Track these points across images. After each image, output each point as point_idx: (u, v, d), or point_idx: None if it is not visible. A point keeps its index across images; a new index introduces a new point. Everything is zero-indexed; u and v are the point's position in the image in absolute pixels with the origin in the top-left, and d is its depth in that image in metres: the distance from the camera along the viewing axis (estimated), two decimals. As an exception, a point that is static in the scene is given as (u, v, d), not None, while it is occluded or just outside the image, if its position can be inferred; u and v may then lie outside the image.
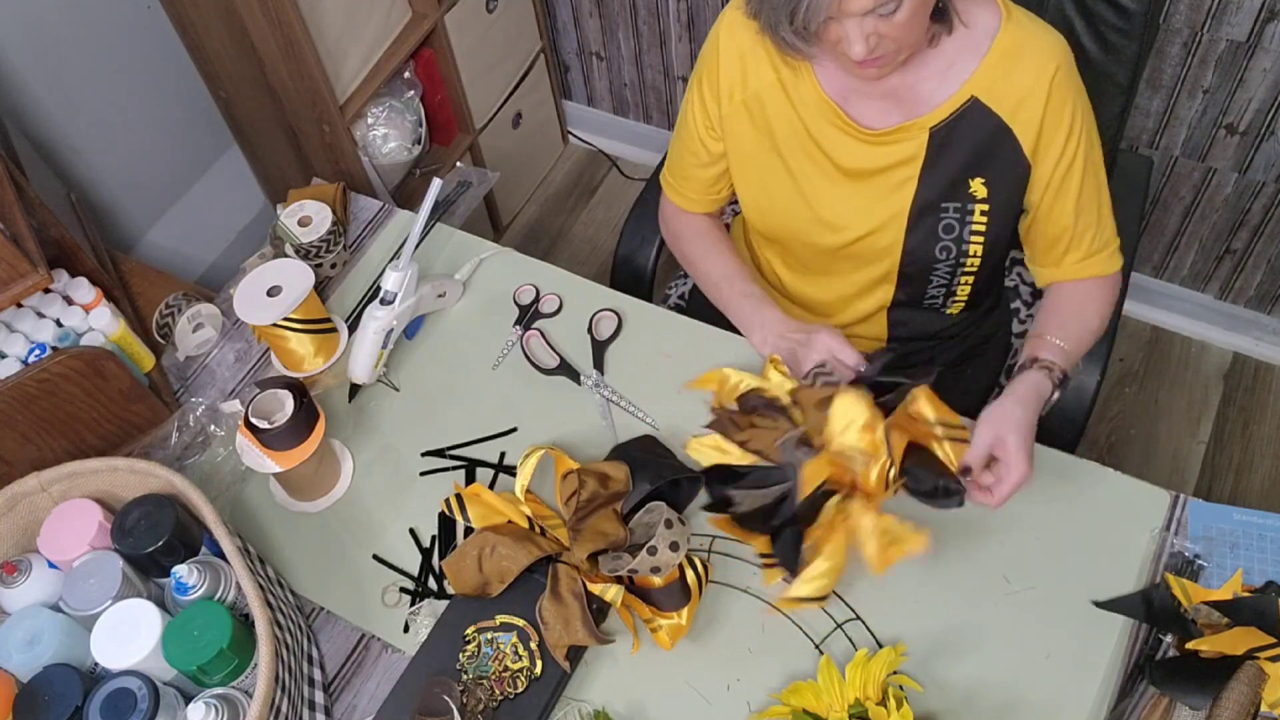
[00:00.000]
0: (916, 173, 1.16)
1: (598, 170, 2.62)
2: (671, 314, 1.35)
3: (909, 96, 1.13)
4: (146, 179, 1.94)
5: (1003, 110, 1.12)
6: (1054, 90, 1.10)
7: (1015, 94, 1.11)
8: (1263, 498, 1.94)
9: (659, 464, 1.13)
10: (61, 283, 1.27)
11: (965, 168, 1.15)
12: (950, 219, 1.18)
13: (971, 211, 1.17)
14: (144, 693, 0.95)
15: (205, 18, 1.77)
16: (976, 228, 1.18)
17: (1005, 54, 1.10)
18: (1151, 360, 2.15)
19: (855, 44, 1.00)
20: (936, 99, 1.13)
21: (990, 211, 1.17)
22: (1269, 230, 1.93)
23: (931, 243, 1.20)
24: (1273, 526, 1.07)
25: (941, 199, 1.17)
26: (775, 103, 1.18)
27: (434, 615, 1.09)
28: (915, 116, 1.13)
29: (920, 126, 1.13)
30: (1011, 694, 1.01)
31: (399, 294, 1.23)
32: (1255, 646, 0.95)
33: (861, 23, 0.99)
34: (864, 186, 1.19)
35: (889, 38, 1.01)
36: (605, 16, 2.31)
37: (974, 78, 1.11)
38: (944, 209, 1.18)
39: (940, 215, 1.18)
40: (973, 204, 1.17)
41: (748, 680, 1.05)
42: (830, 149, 1.18)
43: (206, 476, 1.23)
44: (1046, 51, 1.10)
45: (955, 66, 1.11)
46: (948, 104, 1.12)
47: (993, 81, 1.11)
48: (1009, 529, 1.11)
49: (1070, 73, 1.11)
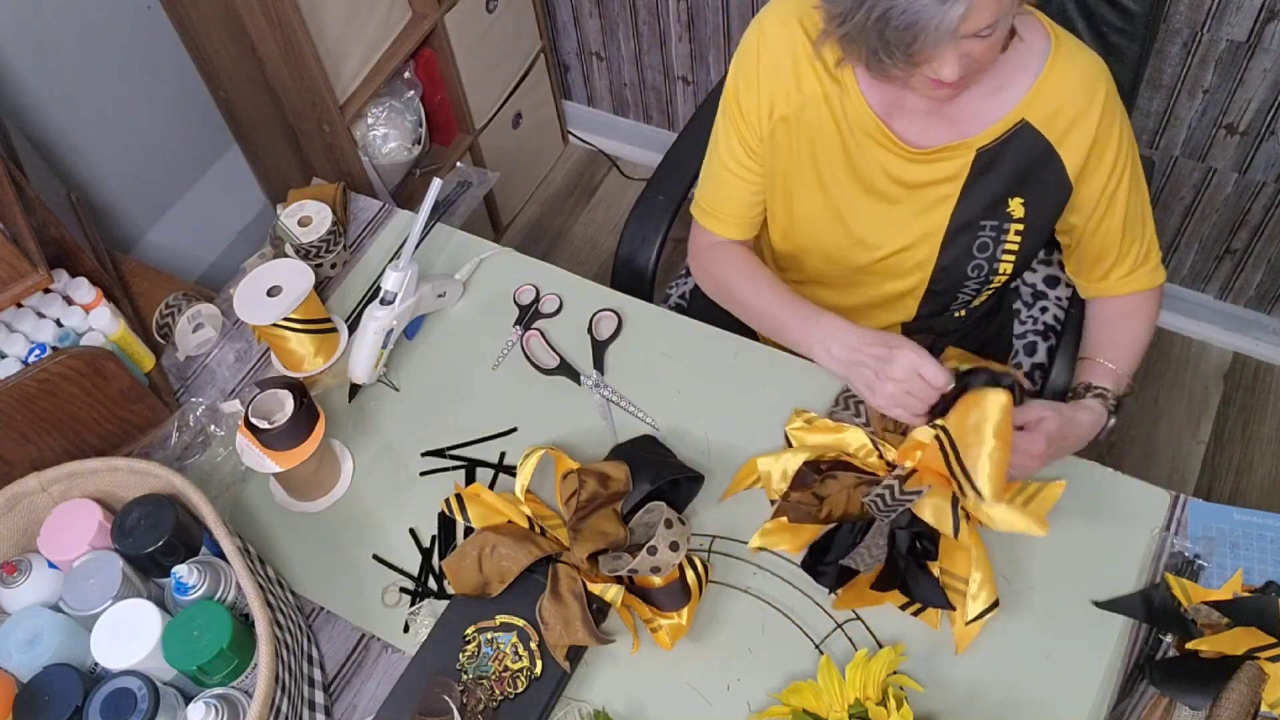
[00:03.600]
0: (957, 191, 1.15)
1: (598, 170, 2.62)
2: (671, 314, 1.35)
3: (956, 115, 1.11)
4: (146, 179, 1.94)
5: (1052, 134, 1.10)
6: (1104, 115, 1.09)
7: (1066, 118, 1.10)
8: (1263, 498, 1.94)
9: (659, 464, 1.13)
10: (61, 283, 1.27)
11: (1006, 188, 1.14)
12: (985, 237, 1.17)
13: (1007, 230, 1.16)
14: (144, 693, 0.95)
15: (205, 18, 1.77)
16: (1010, 246, 1.18)
17: (1058, 78, 1.08)
18: (1151, 360, 2.15)
19: (948, 65, 0.97)
20: (986, 119, 1.11)
21: (1025, 231, 1.16)
22: (1269, 230, 1.93)
23: (965, 261, 1.19)
24: (1273, 526, 1.07)
25: (980, 218, 1.16)
26: (818, 117, 1.16)
27: (434, 615, 1.09)
28: (963, 136, 1.12)
29: (968, 146, 1.12)
30: (1011, 694, 1.01)
31: (399, 294, 1.23)
32: (1255, 646, 0.95)
33: (960, 44, 0.96)
34: (901, 203, 1.17)
35: (978, 59, 0.99)
36: (605, 16, 2.31)
37: (1025, 100, 1.09)
38: (981, 227, 1.17)
39: (977, 234, 1.17)
40: (1009, 223, 1.16)
41: (748, 680, 1.05)
42: (870, 165, 1.16)
43: (206, 476, 1.23)
44: (1094, 75, 1.09)
45: (1006, 87, 1.10)
46: (997, 125, 1.10)
47: (1044, 105, 1.09)
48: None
49: (1114, 95, 1.10)
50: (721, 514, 1.15)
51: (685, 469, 1.14)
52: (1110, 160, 1.12)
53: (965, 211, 1.16)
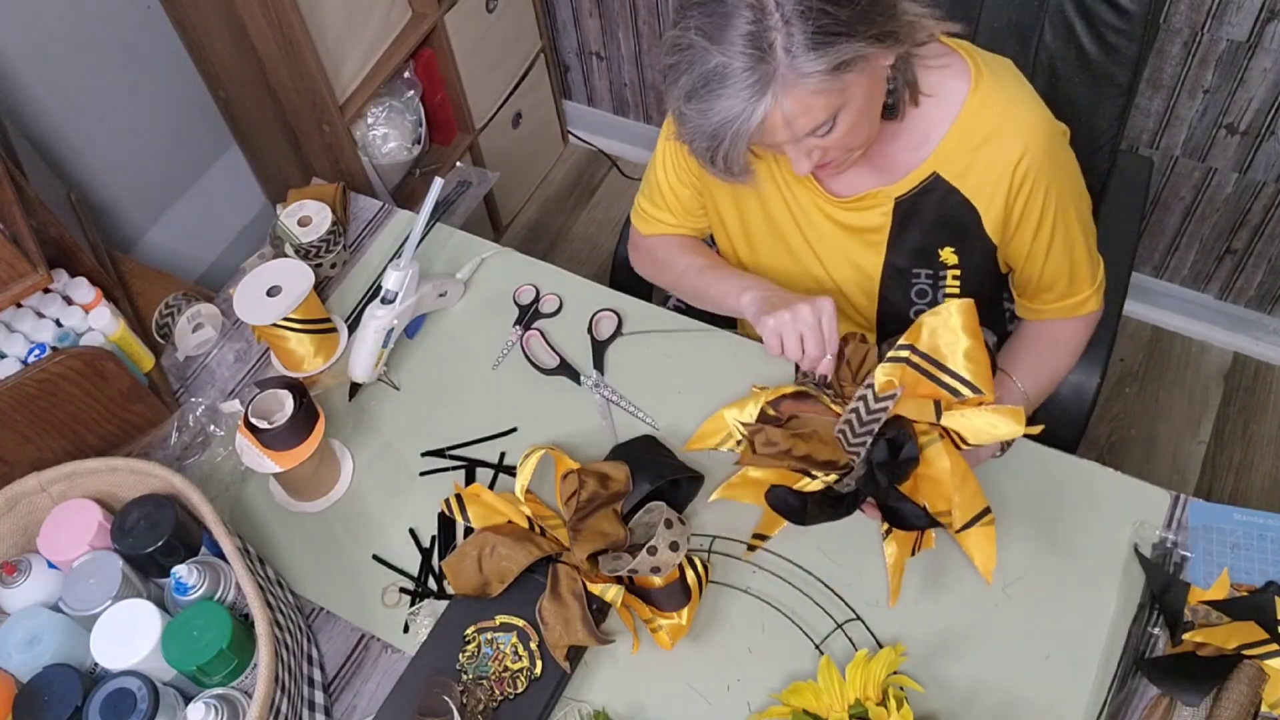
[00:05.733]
0: (884, 239, 1.15)
1: (598, 170, 2.62)
2: (671, 314, 1.35)
3: (884, 165, 1.10)
4: (146, 179, 1.94)
5: (965, 188, 1.08)
6: (1017, 179, 1.05)
7: (976, 175, 1.07)
8: (1263, 498, 1.94)
9: (659, 464, 1.13)
10: (61, 283, 1.27)
11: (934, 239, 1.13)
12: (923, 284, 1.17)
13: (944, 277, 1.16)
14: (144, 693, 0.95)
15: (205, 18, 1.77)
16: (950, 290, 1.17)
17: (967, 134, 1.05)
18: (1152, 360, 2.15)
19: (799, 162, 0.98)
20: (905, 169, 1.09)
21: (963, 275, 1.16)
22: (1269, 230, 1.93)
23: (906, 305, 1.20)
24: (1273, 526, 1.07)
25: (912, 265, 1.16)
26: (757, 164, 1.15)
27: (434, 615, 1.09)
28: (882, 185, 1.11)
29: (887, 195, 1.11)
30: (1011, 694, 1.01)
31: (400, 293, 1.23)
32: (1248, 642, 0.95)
33: (800, 144, 0.96)
34: (838, 245, 1.18)
35: (833, 148, 0.98)
36: (605, 16, 2.31)
37: (935, 154, 1.07)
38: (915, 274, 1.17)
39: (912, 281, 1.17)
40: (945, 270, 1.16)
41: (748, 680, 1.05)
42: (805, 208, 1.17)
43: (206, 476, 1.23)
44: (1011, 134, 1.04)
45: (928, 138, 1.07)
46: (911, 176, 1.09)
47: (953, 160, 1.07)
48: (1009, 529, 1.11)
49: (1041, 152, 1.04)
50: (721, 514, 1.15)
51: (685, 469, 1.14)
52: (1033, 225, 1.09)
53: (895, 259, 1.16)
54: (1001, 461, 1.15)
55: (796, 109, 0.91)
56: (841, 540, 1.12)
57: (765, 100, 0.90)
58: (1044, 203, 1.08)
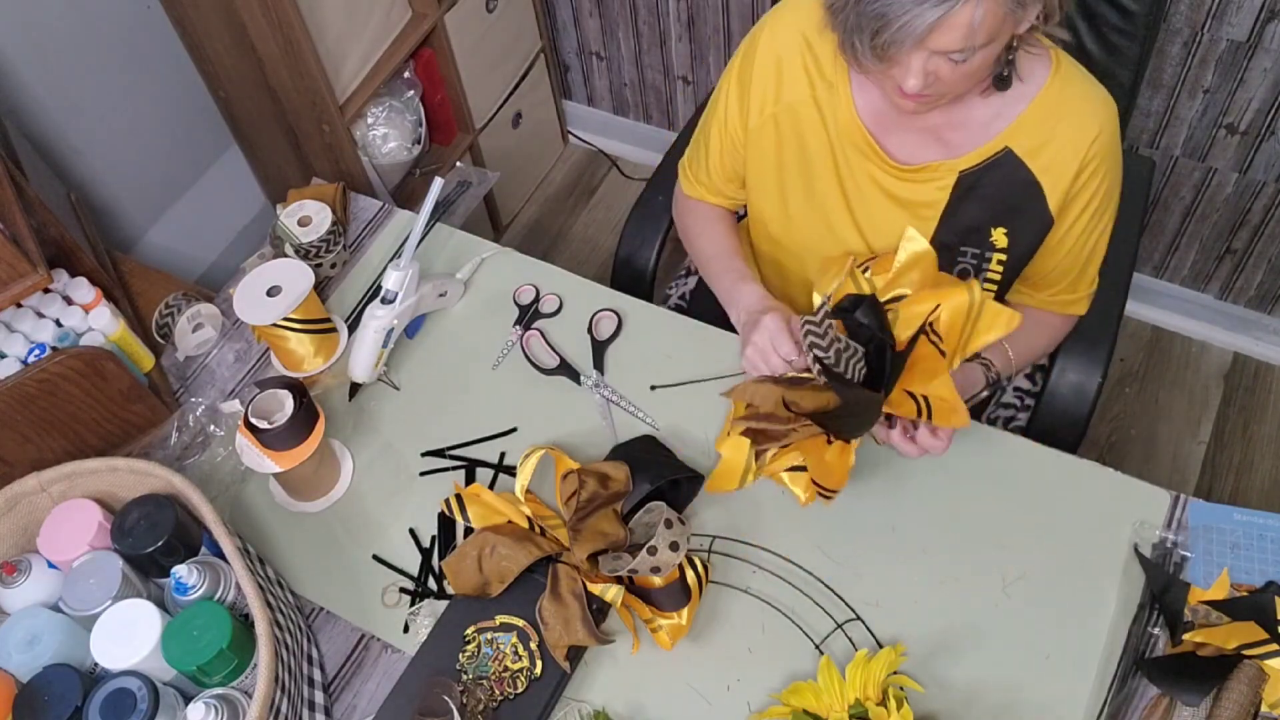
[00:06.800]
0: (938, 213, 1.15)
1: (598, 170, 2.62)
2: (671, 314, 1.35)
3: (950, 137, 1.12)
4: (146, 179, 1.94)
5: (1035, 165, 1.10)
6: (1089, 158, 1.09)
7: (1050, 152, 1.09)
8: (1263, 498, 1.94)
9: (659, 464, 1.13)
10: (61, 283, 1.27)
11: (989, 216, 1.14)
12: (966, 264, 1.17)
13: (989, 260, 1.17)
14: (144, 693, 0.95)
15: (205, 18, 1.77)
16: (992, 275, 1.18)
17: (1047, 111, 1.08)
18: (1152, 360, 2.15)
19: (911, 76, 0.98)
20: (973, 144, 1.11)
21: (1008, 262, 1.17)
22: (1269, 230, 1.93)
23: None
24: (1273, 526, 1.07)
25: (961, 242, 1.16)
26: (809, 119, 1.16)
27: (434, 615, 1.09)
28: (948, 157, 1.12)
29: (950, 168, 1.12)
30: (1011, 694, 1.01)
31: (400, 293, 1.23)
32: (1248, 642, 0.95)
33: (928, 59, 0.97)
34: (884, 217, 1.18)
35: (945, 80, 0.99)
36: (605, 16, 2.31)
37: (1011, 129, 1.09)
38: (962, 252, 1.17)
39: (957, 259, 1.17)
40: (991, 252, 1.16)
41: (748, 680, 1.05)
42: (859, 175, 1.16)
43: (206, 476, 1.23)
44: (1089, 114, 1.08)
45: (1001, 116, 1.10)
46: (981, 150, 1.11)
47: (1029, 136, 1.09)
48: (1009, 529, 1.11)
49: (1110, 139, 1.09)
50: (721, 514, 1.15)
51: (685, 469, 1.14)
52: (1083, 203, 1.12)
53: (945, 233, 1.16)
54: (1002, 461, 1.15)
55: (987, 16, 0.92)
56: (842, 540, 1.12)
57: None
58: (1096, 188, 1.11)
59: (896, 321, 1.06)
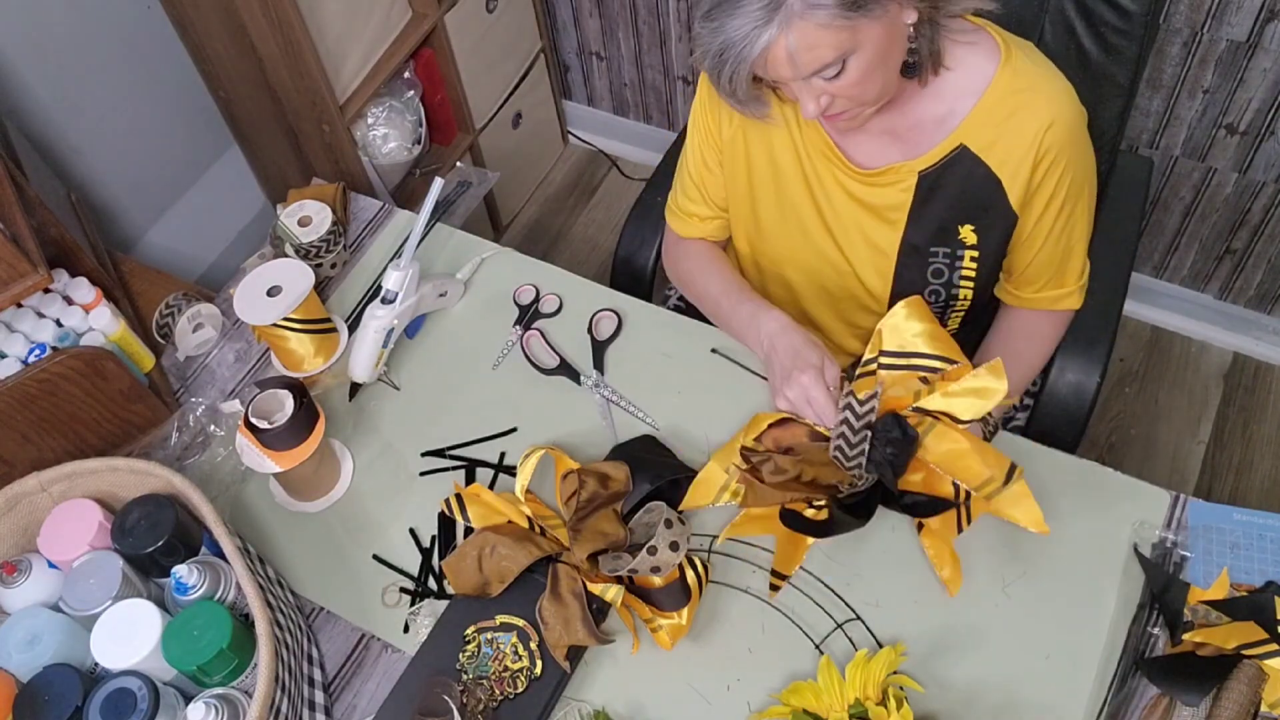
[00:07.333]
0: (904, 216, 1.15)
1: (598, 170, 2.62)
2: (671, 314, 1.35)
3: (909, 137, 1.11)
4: (146, 179, 1.94)
5: (991, 160, 1.09)
6: (1045, 149, 1.06)
7: (1003, 146, 1.08)
8: (1263, 498, 1.94)
9: (659, 464, 1.13)
10: (61, 283, 1.27)
11: (955, 214, 1.14)
12: (939, 264, 1.18)
13: (961, 257, 1.17)
14: (144, 693, 0.95)
15: (205, 18, 1.77)
16: (966, 273, 1.18)
17: (997, 104, 1.06)
18: (1151, 360, 2.15)
19: (806, 104, 0.99)
20: (931, 142, 1.10)
21: (980, 258, 1.16)
22: (1269, 230, 1.93)
23: (921, 285, 1.19)
24: (1273, 526, 1.07)
25: (930, 243, 1.16)
26: (776, 127, 1.16)
27: (434, 615, 1.09)
28: (909, 158, 1.12)
29: (910, 169, 1.12)
30: (1011, 694, 1.01)
31: (400, 293, 1.23)
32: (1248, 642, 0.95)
33: (808, 84, 0.97)
34: (855, 222, 1.18)
35: (843, 97, 0.99)
36: (605, 16, 2.31)
37: (964, 125, 1.08)
38: (933, 253, 1.17)
39: (929, 260, 1.17)
40: (963, 249, 1.16)
41: (748, 680, 1.05)
42: (824, 182, 1.17)
43: (206, 476, 1.23)
44: (1042, 105, 1.05)
45: (954, 113, 1.09)
46: (938, 149, 1.10)
47: (981, 131, 1.08)
48: (1009, 529, 1.11)
49: (1067, 128, 1.06)
50: (721, 514, 1.15)
51: (685, 469, 1.14)
52: (1047, 197, 1.10)
53: (914, 235, 1.16)
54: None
55: (801, 43, 0.91)
56: (841, 540, 1.12)
57: (771, 28, 0.91)
58: (1059, 180, 1.09)
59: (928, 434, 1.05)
